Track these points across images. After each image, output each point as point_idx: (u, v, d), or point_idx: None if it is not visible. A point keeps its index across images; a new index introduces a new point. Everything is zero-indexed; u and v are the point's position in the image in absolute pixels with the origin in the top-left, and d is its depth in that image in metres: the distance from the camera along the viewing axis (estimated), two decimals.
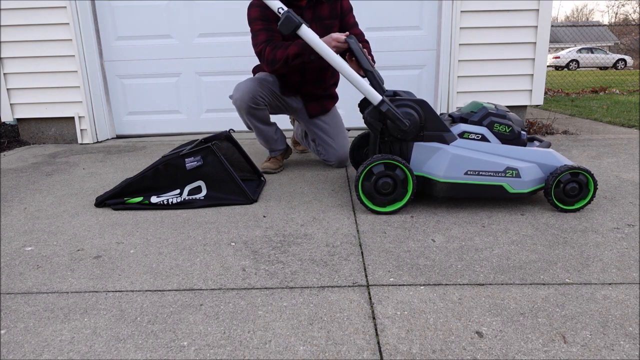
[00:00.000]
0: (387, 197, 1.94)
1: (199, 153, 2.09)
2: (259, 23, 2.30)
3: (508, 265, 1.48)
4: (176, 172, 2.08)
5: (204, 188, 2.11)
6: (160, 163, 2.09)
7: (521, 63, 3.56)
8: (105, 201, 2.11)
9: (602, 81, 10.27)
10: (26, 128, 3.81)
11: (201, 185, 2.11)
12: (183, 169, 2.08)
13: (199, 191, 2.11)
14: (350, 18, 2.47)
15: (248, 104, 2.36)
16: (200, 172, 2.09)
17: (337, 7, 2.42)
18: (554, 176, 1.90)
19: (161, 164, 2.08)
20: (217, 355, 1.06)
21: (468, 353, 1.06)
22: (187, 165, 2.07)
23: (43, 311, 1.26)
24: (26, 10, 3.47)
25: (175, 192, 2.09)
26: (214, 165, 2.10)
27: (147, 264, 1.53)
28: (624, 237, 1.69)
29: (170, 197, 2.08)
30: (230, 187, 2.11)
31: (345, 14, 2.45)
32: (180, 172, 2.08)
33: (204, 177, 2.10)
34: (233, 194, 2.12)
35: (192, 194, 2.10)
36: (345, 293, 1.32)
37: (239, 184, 2.11)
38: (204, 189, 2.11)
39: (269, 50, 2.25)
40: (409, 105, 1.93)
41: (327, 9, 2.38)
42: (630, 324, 1.16)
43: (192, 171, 2.09)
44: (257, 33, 2.31)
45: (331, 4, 2.39)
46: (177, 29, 3.76)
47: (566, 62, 21.67)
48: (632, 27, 27.81)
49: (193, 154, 2.08)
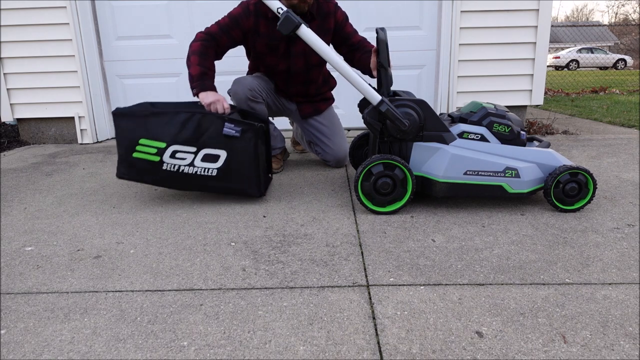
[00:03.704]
0: (387, 197, 1.94)
1: (241, 125, 1.97)
2: (226, 20, 2.29)
3: (508, 265, 1.48)
4: (207, 129, 1.95)
5: (222, 160, 1.98)
6: (197, 112, 1.95)
7: (521, 63, 3.56)
8: (124, 114, 1.95)
9: (602, 81, 10.27)
10: (26, 128, 3.81)
11: (221, 156, 1.98)
12: (216, 130, 1.96)
13: (214, 160, 1.99)
14: (347, 28, 2.45)
15: (247, 96, 2.35)
16: (230, 142, 1.97)
17: (330, 22, 2.39)
18: (553, 176, 1.91)
19: (199, 114, 1.95)
20: (217, 355, 1.06)
21: (468, 353, 1.06)
22: (224, 130, 1.95)
23: (43, 311, 1.26)
24: (26, 10, 3.46)
25: (192, 149, 1.97)
26: (247, 143, 1.98)
27: (147, 264, 1.53)
28: (624, 237, 1.69)
29: (184, 159, 1.95)
30: (248, 173, 2.02)
31: (342, 26, 2.43)
32: (211, 131, 1.96)
33: (230, 149, 1.98)
34: (246, 182, 2.03)
35: (206, 160, 1.98)
36: (345, 293, 1.33)
37: (257, 174, 2.02)
38: (221, 161, 1.99)
39: (197, 45, 2.22)
40: (409, 105, 1.93)
41: (316, 25, 2.34)
42: (630, 324, 1.16)
43: (223, 138, 1.96)
44: (216, 24, 2.30)
45: (322, 20, 2.37)
46: (177, 29, 3.76)
47: (566, 62, 21.66)
48: (632, 27, 27.81)
49: (235, 122, 1.97)
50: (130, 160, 2.00)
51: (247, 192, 2.07)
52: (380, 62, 1.96)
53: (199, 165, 1.99)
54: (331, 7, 2.39)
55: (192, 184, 2.03)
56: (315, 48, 1.94)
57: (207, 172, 2.00)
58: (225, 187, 2.05)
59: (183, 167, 1.99)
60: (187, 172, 1.99)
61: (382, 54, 1.95)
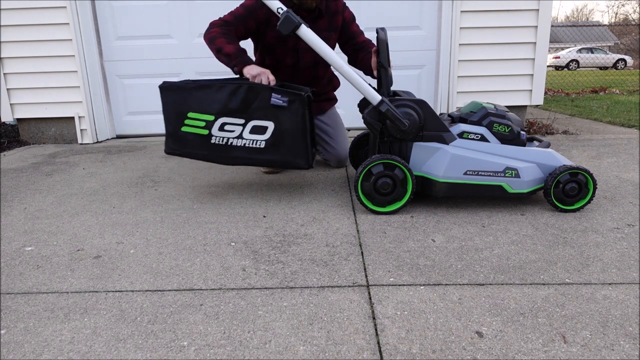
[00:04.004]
0: (387, 197, 1.94)
1: (288, 95, 1.94)
2: (241, 10, 2.28)
3: (508, 265, 1.48)
4: (254, 100, 1.93)
5: (270, 132, 1.96)
6: (244, 83, 1.94)
7: (521, 63, 3.56)
8: (171, 88, 1.93)
9: (602, 81, 10.27)
10: (26, 128, 3.81)
11: (269, 127, 1.96)
12: (264, 101, 1.93)
13: (262, 132, 1.96)
14: (354, 27, 2.48)
15: None
16: (277, 113, 1.94)
17: (338, 20, 2.43)
18: (553, 176, 1.91)
19: (245, 85, 1.93)
20: (217, 355, 1.06)
21: (468, 353, 1.06)
22: (272, 100, 1.92)
23: (43, 311, 1.26)
24: (26, 10, 3.46)
25: (240, 121, 1.95)
26: (295, 114, 1.94)
27: (147, 264, 1.53)
28: (624, 237, 1.69)
29: (232, 131, 1.93)
30: (296, 144, 1.98)
31: (349, 24, 2.46)
32: (258, 102, 1.93)
33: (277, 120, 1.95)
34: (293, 154, 1.99)
35: (254, 132, 1.95)
36: (345, 293, 1.33)
37: (306, 145, 1.98)
38: (269, 133, 1.96)
39: (218, 30, 2.19)
40: (409, 105, 1.93)
41: (326, 22, 2.38)
42: (630, 324, 1.16)
43: (271, 108, 1.93)
44: (230, 14, 2.28)
45: (330, 17, 2.40)
46: (177, 29, 3.76)
47: (566, 62, 21.65)
48: (632, 27, 27.80)
49: (282, 92, 1.93)
50: (179, 135, 1.98)
51: (295, 164, 2.02)
52: (380, 62, 1.96)
53: (247, 138, 1.96)
54: (339, 6, 2.42)
55: (240, 157, 2.00)
56: (315, 48, 1.94)
57: (255, 145, 1.97)
58: (272, 159, 2.01)
59: (232, 139, 1.96)
60: (235, 144, 1.97)
61: (382, 54, 1.95)
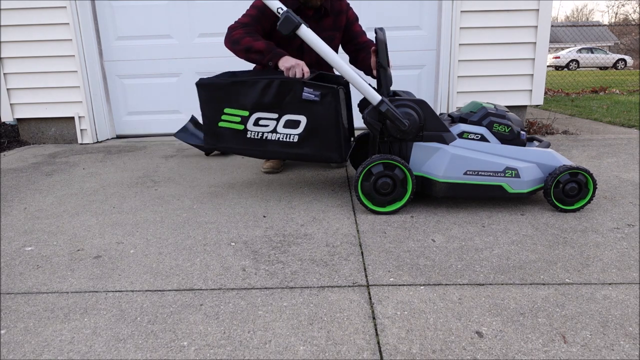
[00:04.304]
0: (387, 197, 1.94)
1: (320, 89, 1.94)
2: (253, 12, 2.29)
3: (508, 265, 1.48)
4: (287, 94, 1.94)
5: (302, 126, 1.97)
6: (276, 78, 1.95)
7: (521, 63, 3.56)
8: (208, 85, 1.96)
9: (602, 81, 10.27)
10: (26, 128, 3.81)
11: (301, 121, 1.97)
12: (296, 95, 1.94)
13: (295, 126, 1.98)
14: (356, 27, 2.50)
15: None
16: (310, 107, 1.95)
17: (342, 19, 2.45)
18: (553, 176, 1.91)
19: (277, 80, 1.95)
20: (217, 355, 1.06)
21: (468, 353, 1.06)
22: (303, 95, 1.93)
23: (43, 311, 1.26)
24: (26, 10, 3.46)
25: (274, 115, 1.97)
26: (327, 108, 1.95)
27: (147, 264, 1.53)
28: (624, 237, 1.69)
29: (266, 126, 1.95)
30: (329, 138, 1.98)
31: (352, 24, 2.48)
32: (290, 96, 1.94)
33: (310, 114, 1.96)
34: (326, 147, 2.00)
35: (287, 126, 1.97)
36: (345, 293, 1.33)
37: (339, 138, 1.98)
38: (302, 127, 1.97)
39: (241, 32, 2.20)
40: (409, 105, 1.93)
41: (331, 21, 2.41)
42: (630, 324, 1.16)
43: (303, 102, 1.94)
44: (245, 16, 2.29)
45: (335, 17, 2.42)
46: (177, 29, 3.76)
47: (566, 62, 21.65)
48: (632, 27, 27.81)
49: (314, 86, 1.94)
50: (217, 131, 2.02)
51: (327, 158, 2.03)
52: (380, 62, 1.97)
53: (281, 132, 1.99)
54: (343, 5, 2.44)
55: (274, 151, 2.02)
56: (315, 48, 1.94)
57: (289, 139, 2.00)
58: (306, 153, 2.02)
59: (266, 134, 1.99)
60: (270, 139, 1.99)
61: (381, 54, 1.95)
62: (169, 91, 3.88)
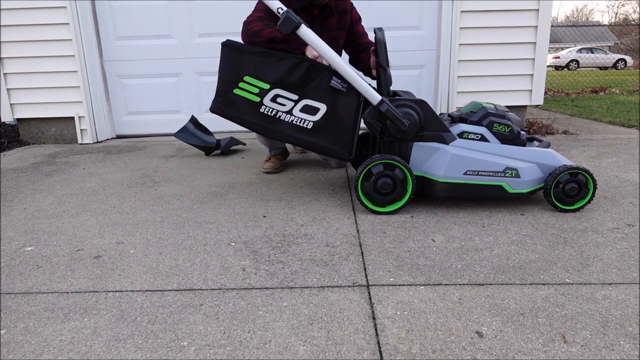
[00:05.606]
0: (387, 197, 1.94)
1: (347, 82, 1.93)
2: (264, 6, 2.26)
3: (508, 265, 1.48)
4: (314, 79, 1.93)
5: (320, 114, 1.95)
6: (307, 60, 1.95)
7: (521, 63, 3.56)
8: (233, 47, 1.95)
9: (602, 81, 10.27)
10: (26, 128, 3.81)
11: (320, 109, 1.95)
12: (323, 82, 1.93)
13: (313, 113, 1.96)
14: (359, 27, 2.51)
15: None
16: (333, 97, 1.94)
17: (346, 19, 2.45)
18: (553, 176, 1.91)
19: (308, 62, 1.94)
20: (217, 355, 1.06)
21: (468, 353, 1.06)
22: (332, 82, 1.91)
23: (43, 311, 1.26)
24: (26, 10, 3.46)
25: (294, 97, 1.94)
26: (351, 101, 1.94)
27: (147, 264, 1.53)
28: (624, 237, 1.69)
29: (283, 105, 1.93)
30: (343, 132, 1.97)
31: (355, 24, 2.49)
32: (318, 81, 1.93)
33: (332, 103, 1.95)
34: (337, 141, 1.98)
35: (305, 111, 1.96)
36: (345, 293, 1.33)
37: (353, 135, 1.98)
38: (319, 115, 1.95)
39: (260, 24, 2.19)
40: (409, 105, 1.93)
41: (336, 21, 2.41)
42: (630, 324, 1.16)
43: (328, 90, 1.93)
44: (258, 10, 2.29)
45: (339, 16, 2.43)
46: (177, 29, 3.76)
47: (566, 62, 21.65)
48: (632, 27, 27.80)
49: (342, 78, 1.93)
50: (230, 97, 1.98)
51: (336, 153, 2.01)
52: (379, 62, 1.97)
53: (296, 115, 1.96)
54: (347, 5, 2.45)
55: (283, 133, 1.99)
56: (315, 48, 1.94)
57: (303, 124, 1.97)
58: (315, 143, 2.00)
59: (281, 113, 1.96)
60: (283, 119, 1.97)
61: (381, 54, 1.95)
62: (168, 91, 3.88)
